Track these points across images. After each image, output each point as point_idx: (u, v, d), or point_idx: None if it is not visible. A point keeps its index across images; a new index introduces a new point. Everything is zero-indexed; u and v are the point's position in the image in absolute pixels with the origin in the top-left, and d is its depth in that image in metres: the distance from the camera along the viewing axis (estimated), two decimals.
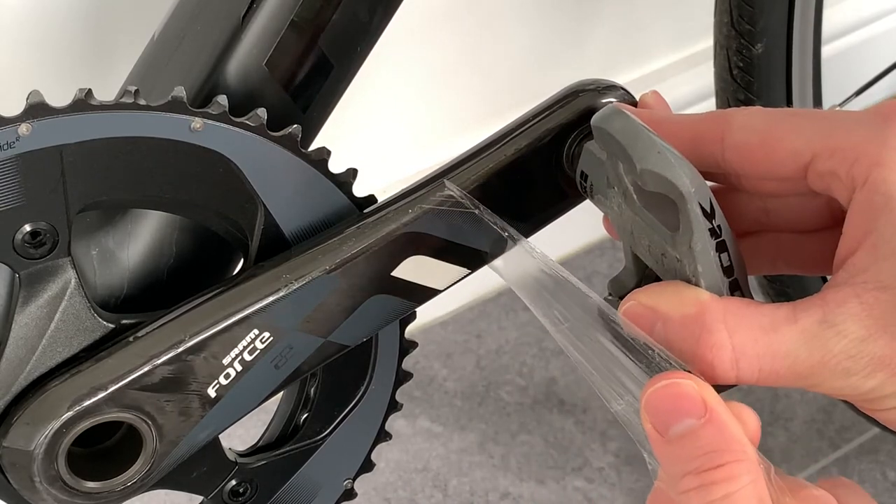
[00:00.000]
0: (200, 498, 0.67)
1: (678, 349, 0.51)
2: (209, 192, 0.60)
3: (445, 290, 0.63)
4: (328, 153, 0.62)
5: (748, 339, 0.50)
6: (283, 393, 0.68)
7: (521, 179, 0.62)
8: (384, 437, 0.71)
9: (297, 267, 0.60)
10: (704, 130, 0.55)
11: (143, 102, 0.57)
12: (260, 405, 0.62)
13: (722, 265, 0.52)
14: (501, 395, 1.32)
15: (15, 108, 0.56)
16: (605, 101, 0.62)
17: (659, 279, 0.55)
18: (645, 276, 0.56)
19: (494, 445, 1.27)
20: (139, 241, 0.64)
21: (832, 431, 1.32)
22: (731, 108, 0.96)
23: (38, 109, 0.55)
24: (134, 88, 0.57)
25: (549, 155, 0.62)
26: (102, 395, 0.58)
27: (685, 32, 1.39)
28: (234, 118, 0.59)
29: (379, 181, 1.13)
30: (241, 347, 0.60)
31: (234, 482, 0.67)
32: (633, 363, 0.51)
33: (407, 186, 0.62)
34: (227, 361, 0.60)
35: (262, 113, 0.60)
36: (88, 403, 0.58)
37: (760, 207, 0.58)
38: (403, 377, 0.69)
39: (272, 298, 0.60)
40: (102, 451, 0.62)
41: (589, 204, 0.60)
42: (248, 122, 0.60)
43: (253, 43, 0.63)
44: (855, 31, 1.50)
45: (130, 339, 0.60)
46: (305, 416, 0.68)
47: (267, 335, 0.60)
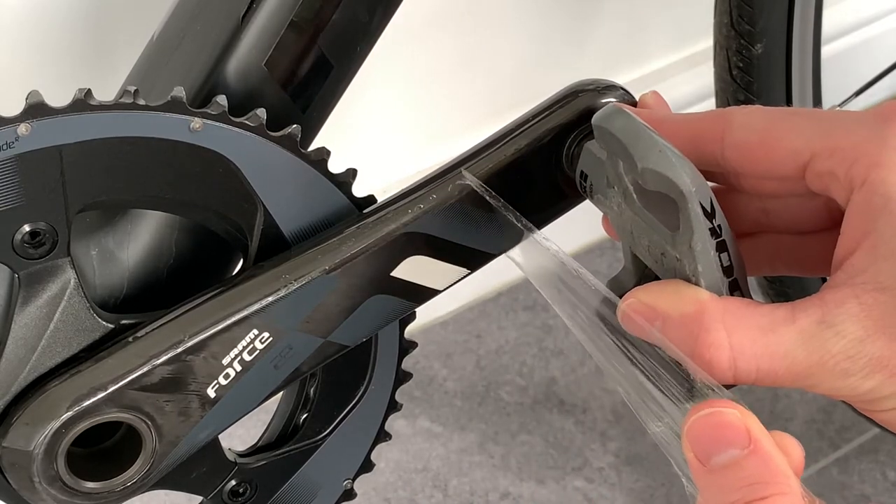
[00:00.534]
0: (200, 498, 0.67)
1: (677, 348, 0.51)
2: (208, 192, 0.60)
3: (445, 290, 0.63)
4: (328, 153, 0.62)
5: (746, 338, 0.50)
6: (282, 393, 0.68)
7: (520, 179, 0.62)
8: (384, 437, 0.71)
9: (296, 267, 0.60)
10: (704, 129, 0.55)
11: (142, 102, 0.57)
12: (259, 405, 0.62)
13: (722, 265, 0.52)
14: (501, 395, 1.32)
15: (14, 108, 0.56)
16: (604, 101, 0.62)
17: (658, 279, 0.55)
18: (644, 276, 0.56)
19: (494, 445, 1.27)
20: (139, 241, 0.64)
21: (832, 431, 1.32)
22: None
23: (37, 109, 0.55)
24: (133, 88, 0.57)
25: (548, 155, 0.62)
26: (102, 395, 0.58)
27: (685, 32, 1.39)
28: (233, 118, 0.59)
29: (379, 181, 1.14)
30: (240, 348, 0.60)
31: (233, 482, 0.67)
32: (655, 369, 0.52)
33: (406, 186, 0.62)
34: (226, 362, 0.60)
35: (261, 113, 0.60)
36: (88, 404, 0.58)
37: (760, 208, 0.58)
38: (403, 377, 0.69)
39: (272, 299, 0.60)
40: (102, 451, 0.62)
41: (589, 204, 0.60)
42: (247, 122, 0.60)
43: (252, 43, 0.63)
44: (854, 31, 1.50)
45: (130, 339, 0.60)
46: (305, 416, 0.68)
47: (266, 335, 0.60)
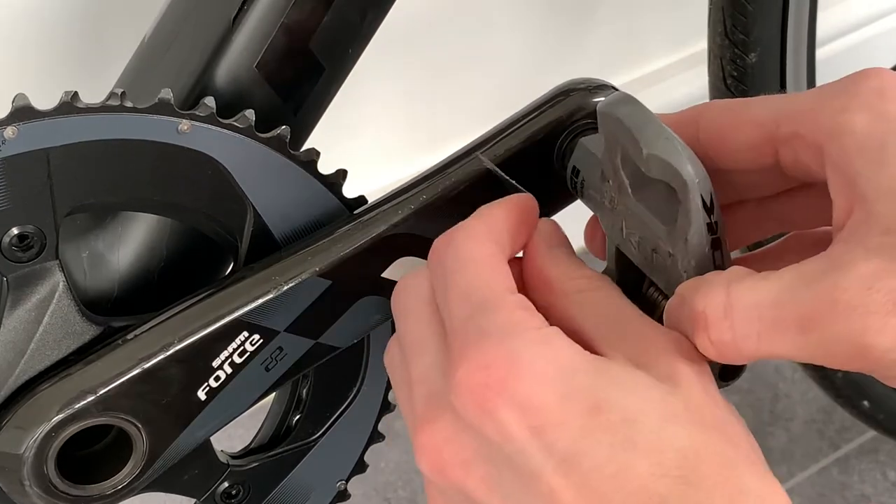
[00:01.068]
0: (194, 500, 0.67)
1: (681, 311, 0.49)
2: (198, 194, 0.60)
3: None
4: (317, 154, 0.62)
5: (747, 288, 0.47)
6: (275, 394, 0.68)
7: (512, 178, 0.62)
8: (377, 438, 0.71)
9: (286, 269, 0.60)
10: (684, 116, 0.54)
11: (129, 105, 0.57)
12: (251, 407, 0.62)
13: (714, 262, 0.51)
14: None
15: (0, 111, 0.56)
16: (596, 100, 0.62)
17: (641, 281, 0.55)
18: (626, 277, 0.56)
19: None
20: (129, 243, 0.64)
21: (832, 431, 1.32)
22: None
23: (23, 112, 0.55)
24: (120, 91, 0.57)
25: (539, 154, 0.62)
26: (92, 398, 0.58)
27: (683, 33, 1.39)
28: (221, 120, 0.59)
29: (372, 183, 1.13)
30: (230, 350, 0.60)
31: (226, 484, 0.67)
32: None
33: (396, 187, 0.62)
34: (216, 364, 0.60)
35: (250, 114, 0.60)
36: (78, 407, 0.58)
37: (736, 181, 0.56)
38: None
39: (262, 300, 0.60)
40: (93, 454, 0.62)
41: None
42: (236, 123, 0.60)
43: (243, 45, 0.63)
44: (849, 34, 1.49)
45: (120, 342, 0.60)
46: (298, 417, 0.68)
47: (257, 337, 0.60)
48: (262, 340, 0.60)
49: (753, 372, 1.37)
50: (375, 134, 1.23)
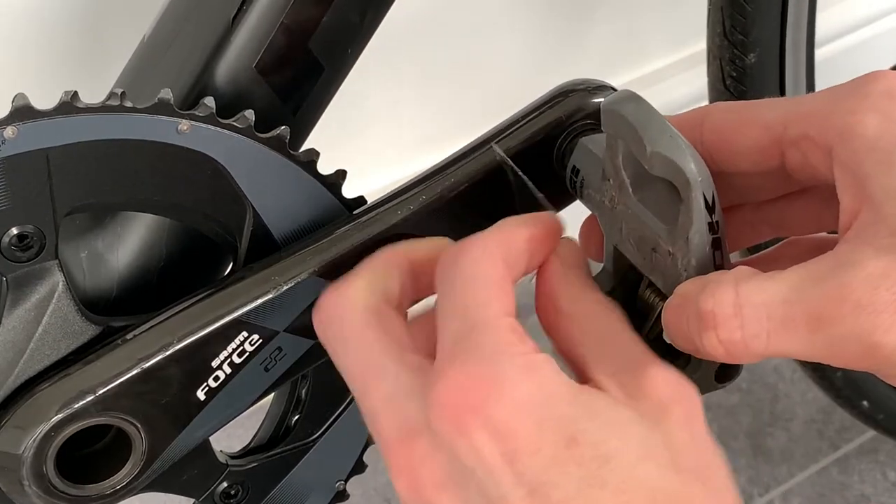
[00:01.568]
0: (193, 500, 0.67)
1: (685, 310, 0.49)
2: (197, 194, 0.60)
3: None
4: (317, 154, 0.62)
5: (755, 287, 0.47)
6: (274, 394, 0.68)
7: (511, 180, 0.62)
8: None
9: (286, 269, 0.60)
10: (688, 118, 0.54)
11: (129, 105, 0.57)
12: (250, 408, 0.62)
13: (714, 262, 0.51)
14: None
15: (0, 111, 0.56)
16: (595, 100, 0.62)
17: (638, 282, 0.55)
18: (623, 278, 0.56)
19: None
20: (128, 243, 0.64)
21: (832, 431, 1.32)
22: None
23: (23, 112, 0.55)
24: (120, 91, 0.57)
25: (539, 154, 0.62)
26: (91, 398, 0.58)
27: (683, 33, 1.39)
28: (221, 120, 0.59)
29: (370, 184, 1.13)
30: (230, 350, 0.60)
31: (225, 484, 0.67)
32: None
33: (396, 188, 0.62)
34: (216, 364, 0.60)
35: (249, 114, 0.60)
36: (77, 407, 0.58)
37: (737, 184, 0.56)
38: None
39: (261, 300, 0.60)
40: (92, 454, 0.62)
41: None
42: (235, 123, 0.60)
43: (242, 45, 0.63)
44: (849, 34, 1.49)
45: (119, 342, 0.60)
46: (297, 417, 0.68)
47: (256, 337, 0.60)
48: (261, 340, 0.60)
49: (753, 372, 1.37)
50: (375, 134, 1.23)
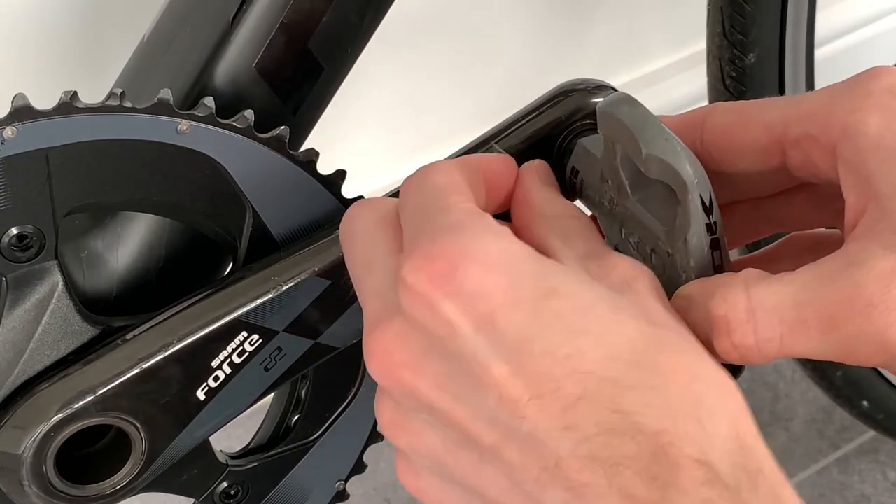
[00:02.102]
0: (193, 500, 0.67)
1: (691, 313, 0.49)
2: (197, 194, 0.60)
3: None
4: (316, 154, 0.62)
5: (766, 290, 0.47)
6: (274, 394, 0.68)
7: None
8: (376, 438, 0.71)
9: (285, 269, 0.60)
10: (688, 118, 0.54)
11: (128, 105, 0.57)
12: (250, 408, 0.62)
13: (713, 263, 0.51)
14: None
15: (0, 111, 0.56)
16: (595, 100, 0.62)
17: None
18: None
19: None
20: (128, 243, 0.64)
21: (832, 431, 1.32)
22: None
23: (22, 112, 0.55)
24: (120, 91, 0.57)
25: (538, 155, 0.62)
26: (91, 398, 0.58)
27: (683, 33, 1.39)
28: (221, 120, 0.59)
29: (370, 184, 1.14)
30: (229, 350, 0.60)
31: (225, 484, 0.67)
32: None
33: (395, 188, 0.62)
34: (215, 364, 0.60)
35: (249, 114, 0.60)
36: (77, 407, 0.58)
37: (736, 182, 0.56)
38: None
39: (261, 301, 0.60)
40: (92, 454, 0.62)
41: None
42: (235, 123, 0.60)
43: (242, 45, 0.63)
44: (848, 34, 1.49)
45: (119, 342, 0.60)
46: (297, 417, 0.68)
47: (256, 337, 0.60)
48: (261, 340, 0.60)
49: (754, 372, 1.37)
50: (375, 134, 1.23)
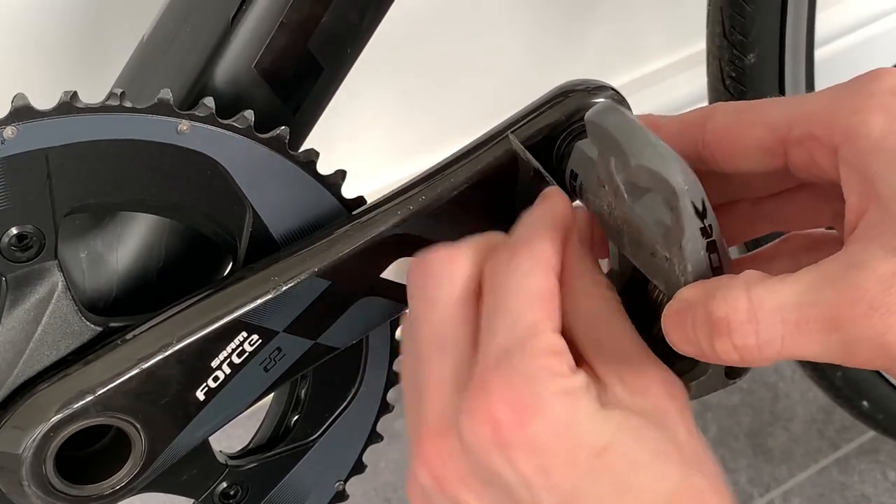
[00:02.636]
0: (192, 500, 0.67)
1: (691, 316, 0.48)
2: (197, 194, 0.60)
3: None
4: (316, 155, 0.62)
5: (767, 291, 0.47)
6: (273, 395, 0.68)
7: (510, 180, 0.62)
8: (376, 438, 0.71)
9: (285, 269, 0.60)
10: (689, 119, 0.54)
11: (128, 105, 0.57)
12: (250, 408, 0.62)
13: (711, 265, 0.51)
14: None
15: (0, 111, 0.56)
16: (594, 101, 0.62)
17: (646, 282, 0.55)
18: (632, 278, 0.56)
19: None
20: (128, 243, 0.64)
21: (832, 431, 1.32)
22: None
23: (22, 112, 0.55)
24: (119, 91, 0.57)
25: (538, 155, 0.62)
26: (90, 398, 0.58)
27: (683, 33, 1.39)
28: (221, 120, 0.59)
29: (370, 184, 1.13)
30: (229, 350, 0.60)
31: (224, 484, 0.67)
32: None
33: (395, 188, 0.62)
34: (215, 364, 0.60)
35: (249, 115, 0.60)
36: (76, 407, 0.58)
37: (737, 183, 0.56)
38: (395, 378, 0.69)
39: (260, 301, 0.60)
40: (92, 454, 0.62)
41: None
42: (235, 123, 0.60)
43: (242, 45, 0.63)
44: (848, 34, 1.49)
45: (119, 342, 0.60)
46: (296, 417, 0.68)
47: (255, 338, 0.60)
48: (260, 341, 0.60)
49: (754, 371, 1.37)
50: (374, 134, 1.23)
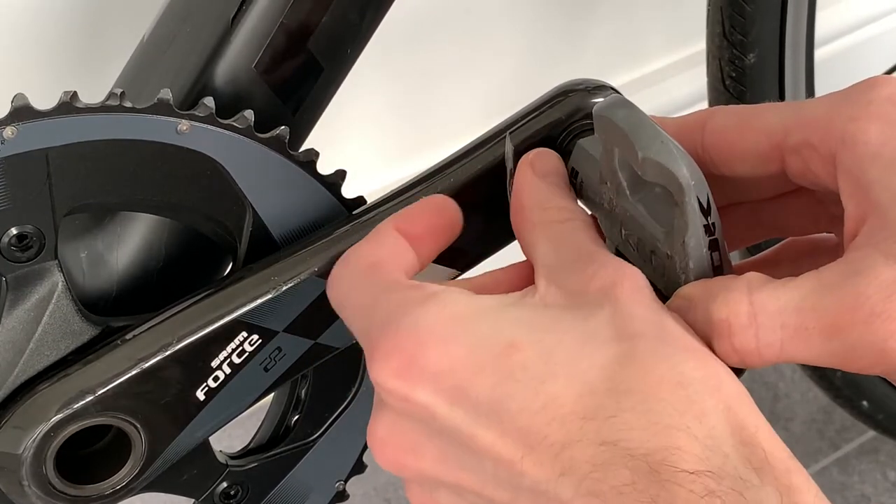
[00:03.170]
0: (192, 500, 0.67)
1: (691, 314, 0.49)
2: (197, 194, 0.60)
3: None
4: (316, 154, 0.62)
5: (768, 295, 0.47)
6: (273, 395, 0.68)
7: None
8: None
9: (285, 269, 0.60)
10: (688, 121, 0.55)
11: (128, 105, 0.57)
12: (250, 408, 0.62)
13: (713, 264, 0.51)
14: None
15: (0, 111, 0.56)
16: (594, 100, 0.62)
17: None
18: None
19: None
20: (128, 243, 0.64)
21: (832, 431, 1.32)
22: None
23: (22, 112, 0.55)
24: (119, 91, 0.57)
25: None
26: (90, 398, 0.58)
27: (683, 33, 1.39)
28: (221, 120, 0.59)
29: (370, 184, 1.13)
30: (229, 350, 0.60)
31: (225, 484, 0.67)
32: None
33: (394, 188, 0.62)
34: (215, 364, 0.60)
35: (249, 115, 0.60)
36: (76, 407, 0.58)
37: (735, 186, 0.56)
38: None
39: (260, 301, 0.60)
40: (92, 454, 0.62)
41: None
42: (235, 123, 0.60)
43: (242, 45, 0.63)
44: (848, 34, 1.49)
45: (119, 342, 0.60)
46: (296, 417, 0.68)
47: (255, 338, 0.60)
48: (260, 341, 0.60)
49: (753, 372, 1.37)
50: (374, 134, 1.23)
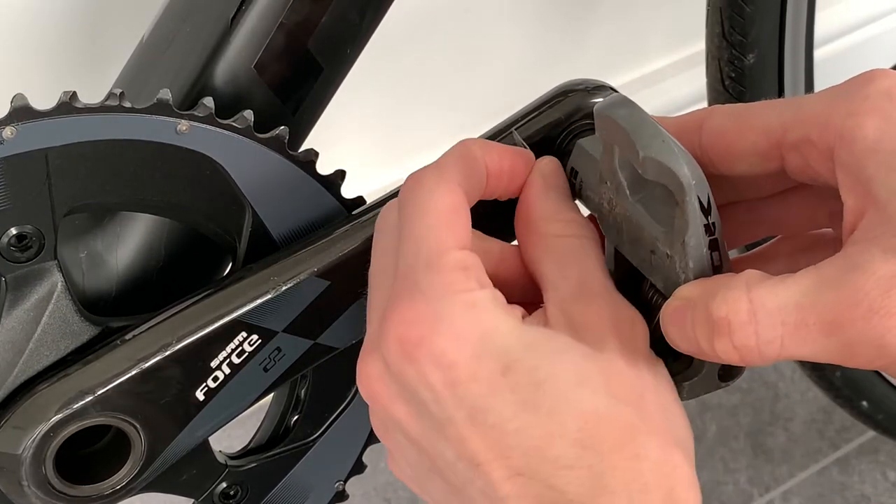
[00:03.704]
0: (192, 500, 0.67)
1: (690, 314, 0.49)
2: (196, 194, 0.60)
3: None
4: (316, 155, 0.62)
5: (767, 292, 0.47)
6: (273, 395, 0.68)
7: None
8: (376, 438, 0.70)
9: (285, 269, 0.60)
10: (686, 121, 0.55)
11: (128, 105, 0.57)
12: (250, 408, 0.62)
13: (712, 263, 0.51)
14: None
15: (0, 111, 0.56)
16: (594, 101, 0.62)
17: (640, 283, 0.55)
18: (626, 278, 0.56)
19: None
20: (128, 244, 0.64)
21: (832, 431, 1.32)
22: None
23: (22, 112, 0.55)
24: (119, 91, 0.57)
25: (537, 155, 0.62)
26: (90, 398, 0.58)
27: (684, 33, 1.39)
28: (220, 120, 0.59)
29: (369, 184, 1.13)
30: (229, 350, 0.60)
31: (224, 484, 0.67)
32: None
33: (394, 188, 0.62)
34: (215, 364, 0.60)
35: (248, 115, 0.60)
36: (76, 407, 0.58)
37: (734, 185, 0.56)
38: None
39: (260, 301, 0.60)
40: (91, 454, 0.62)
41: None
42: (234, 123, 0.60)
43: (242, 45, 0.63)
44: (848, 34, 1.49)
45: (118, 342, 0.60)
46: (296, 417, 0.68)
47: (255, 338, 0.60)
48: (260, 341, 0.60)
49: (753, 371, 1.37)
50: (374, 134, 1.23)
